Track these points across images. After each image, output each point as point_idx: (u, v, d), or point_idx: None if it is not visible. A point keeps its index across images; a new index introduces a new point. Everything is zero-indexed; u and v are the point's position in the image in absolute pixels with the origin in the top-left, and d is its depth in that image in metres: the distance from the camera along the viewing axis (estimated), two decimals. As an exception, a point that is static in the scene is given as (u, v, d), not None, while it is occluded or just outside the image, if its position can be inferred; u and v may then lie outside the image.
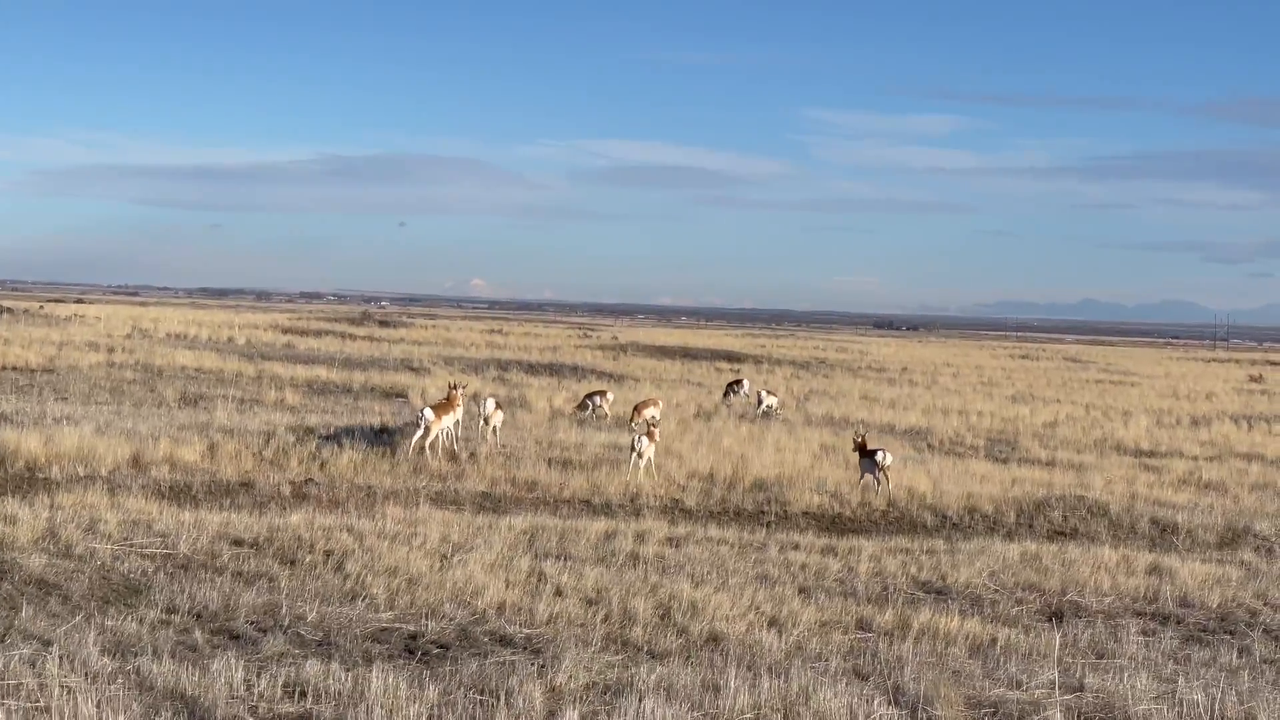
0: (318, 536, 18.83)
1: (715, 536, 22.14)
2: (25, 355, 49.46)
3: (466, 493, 25.87)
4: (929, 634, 15.83)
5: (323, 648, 13.54)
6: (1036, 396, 62.76)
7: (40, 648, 12.36)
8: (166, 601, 14.91)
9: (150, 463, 25.87)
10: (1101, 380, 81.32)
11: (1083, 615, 17.79)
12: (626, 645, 14.57)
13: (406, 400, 43.01)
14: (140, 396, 39.99)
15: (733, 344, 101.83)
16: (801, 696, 11.60)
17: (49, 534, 17.80)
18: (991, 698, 12.29)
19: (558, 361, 65.56)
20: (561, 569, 17.93)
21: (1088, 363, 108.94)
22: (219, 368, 50.59)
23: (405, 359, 61.47)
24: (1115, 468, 35.30)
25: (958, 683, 12.76)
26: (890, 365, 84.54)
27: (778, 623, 15.93)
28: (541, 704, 11.02)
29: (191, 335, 71.83)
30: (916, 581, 19.41)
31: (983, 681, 13.15)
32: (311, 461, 27.63)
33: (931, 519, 26.51)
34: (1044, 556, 21.50)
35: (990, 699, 12.24)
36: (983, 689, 12.67)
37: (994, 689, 12.69)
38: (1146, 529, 26.51)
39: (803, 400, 51.84)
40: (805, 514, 26.19)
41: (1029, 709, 11.87)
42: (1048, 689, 12.73)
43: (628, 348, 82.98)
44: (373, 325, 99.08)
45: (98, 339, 62.47)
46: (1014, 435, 43.09)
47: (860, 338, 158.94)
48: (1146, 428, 47.91)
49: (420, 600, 15.81)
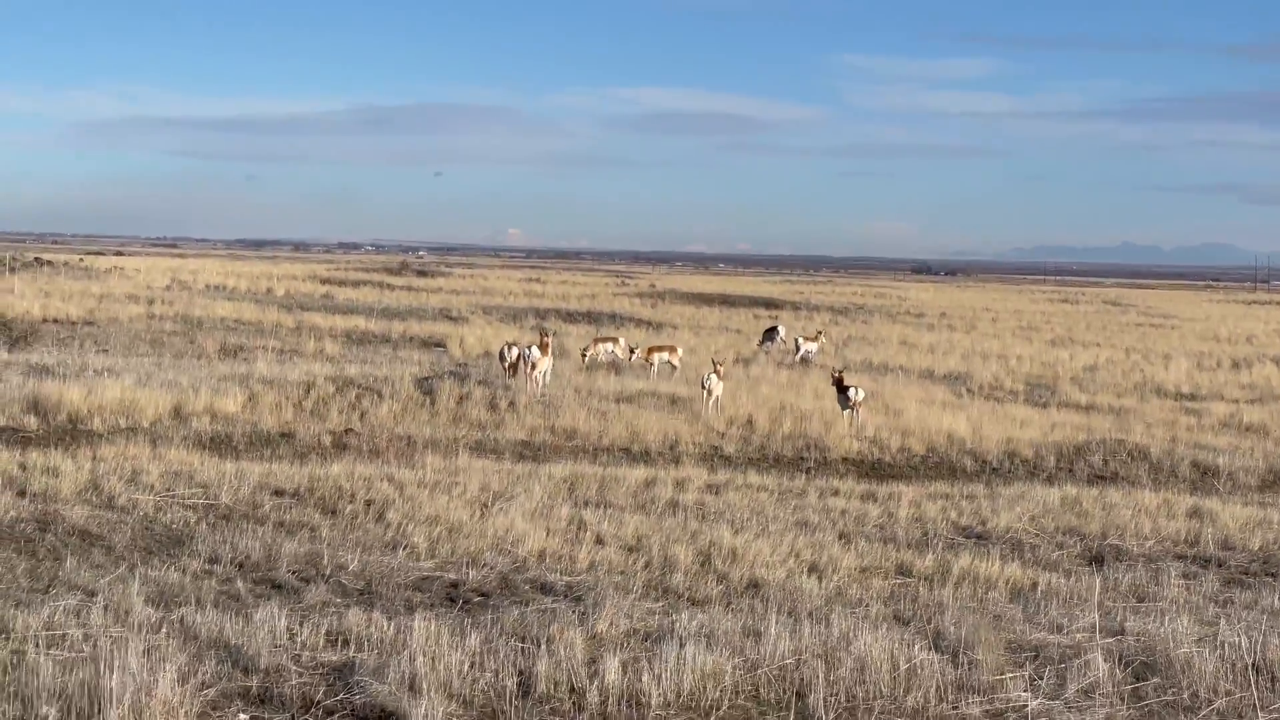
0: (358, 486, 18.92)
1: (755, 483, 22.15)
2: (65, 308, 49.66)
3: (506, 441, 25.94)
4: (969, 579, 15.81)
5: (364, 597, 13.62)
6: (1076, 340, 62.43)
7: (85, 598, 12.45)
8: (209, 552, 15.01)
9: (191, 414, 26.01)
10: (1141, 323, 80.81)
11: (1123, 559, 17.74)
12: (667, 592, 14.61)
13: (445, 349, 43.09)
14: (180, 348, 40.18)
15: (770, 290, 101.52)
16: (842, 642, 11.60)
17: (92, 485, 17.94)
18: (1032, 642, 12.26)
19: (595, 309, 65.52)
20: (601, 516, 17.98)
21: (1127, 306, 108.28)
22: (258, 319, 50.72)
23: (444, 308, 61.54)
24: (1156, 411, 35.11)
25: (998, 627, 12.73)
26: (928, 310, 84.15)
27: (818, 569, 15.93)
28: (583, 651, 11.04)
29: (230, 287, 71.99)
30: (956, 526, 19.39)
31: (1023, 626, 13.12)
32: (351, 411, 27.74)
33: (971, 464, 26.46)
34: (1084, 500, 21.45)
35: (1031, 643, 12.21)
36: (1023, 633, 12.64)
37: (1035, 633, 12.67)
38: (1187, 472, 26.40)
39: (841, 346, 51.71)
40: (844, 460, 26.18)
41: (1069, 653, 11.83)
42: (1088, 633, 12.70)
43: (665, 295, 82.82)
44: (411, 275, 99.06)
45: (137, 291, 62.68)
46: (1053, 379, 42.88)
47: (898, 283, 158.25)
48: (1187, 371, 47.60)
49: (461, 549, 15.88)
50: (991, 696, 10.83)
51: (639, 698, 10.38)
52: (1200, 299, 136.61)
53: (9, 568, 13.76)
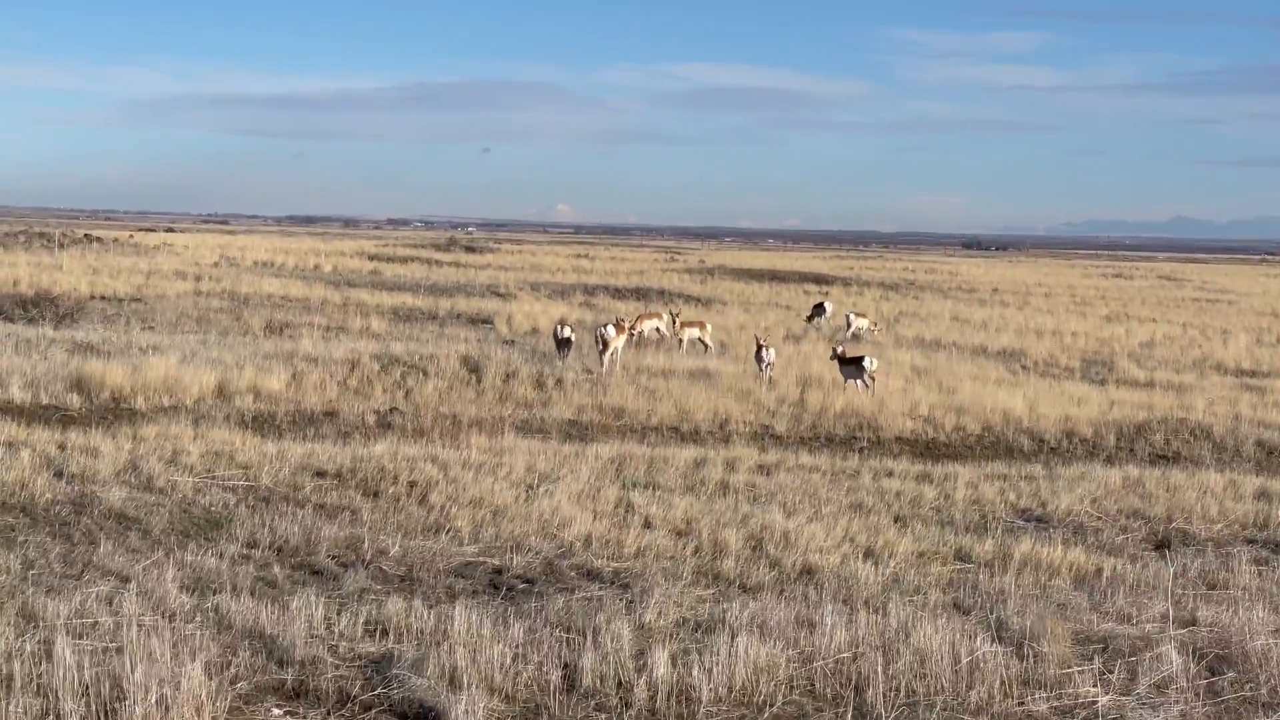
0: (401, 467, 18.50)
1: (807, 464, 21.64)
2: (113, 285, 49.51)
3: (553, 420, 25.49)
4: (1031, 565, 15.28)
5: (405, 583, 13.22)
6: (1131, 316, 61.56)
7: (118, 584, 12.11)
8: (247, 536, 14.64)
9: (235, 392, 25.67)
10: (1198, 298, 79.69)
11: (1190, 544, 17.16)
12: (717, 579, 14.14)
13: (492, 326, 42.68)
14: (226, 325, 39.92)
15: (820, 266, 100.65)
16: (901, 633, 11.12)
17: (131, 466, 17.60)
18: (1100, 633, 11.75)
19: (644, 285, 64.92)
20: (650, 499, 17.52)
21: (1183, 281, 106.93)
22: (305, 295, 50.46)
23: (491, 285, 61.11)
24: (1216, 388, 34.33)
25: (1064, 617, 12.22)
26: (980, 286, 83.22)
27: (873, 554, 15.42)
28: (630, 642, 10.60)
29: (278, 263, 71.82)
30: (1015, 509, 18.84)
31: (1090, 615, 12.60)
32: (396, 390, 27.38)
33: (1028, 443, 25.86)
34: (1147, 482, 20.84)
35: (1099, 634, 11.70)
36: (1090, 623, 12.13)
37: (1102, 624, 12.15)
38: (1251, 452, 25.74)
39: (893, 322, 51.06)
40: (898, 439, 25.63)
41: (1140, 645, 11.31)
42: (1159, 623, 12.18)
43: (715, 271, 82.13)
44: (459, 251, 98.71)
45: (185, 268, 62.54)
46: (1110, 356, 42.14)
47: (948, 258, 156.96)
48: (1246, 347, 46.73)
49: (505, 533, 15.46)
50: (1059, 692, 10.34)
51: (689, 693, 9.94)
52: (1257, 274, 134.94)
53: (43, 552, 13.41)
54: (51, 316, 40.41)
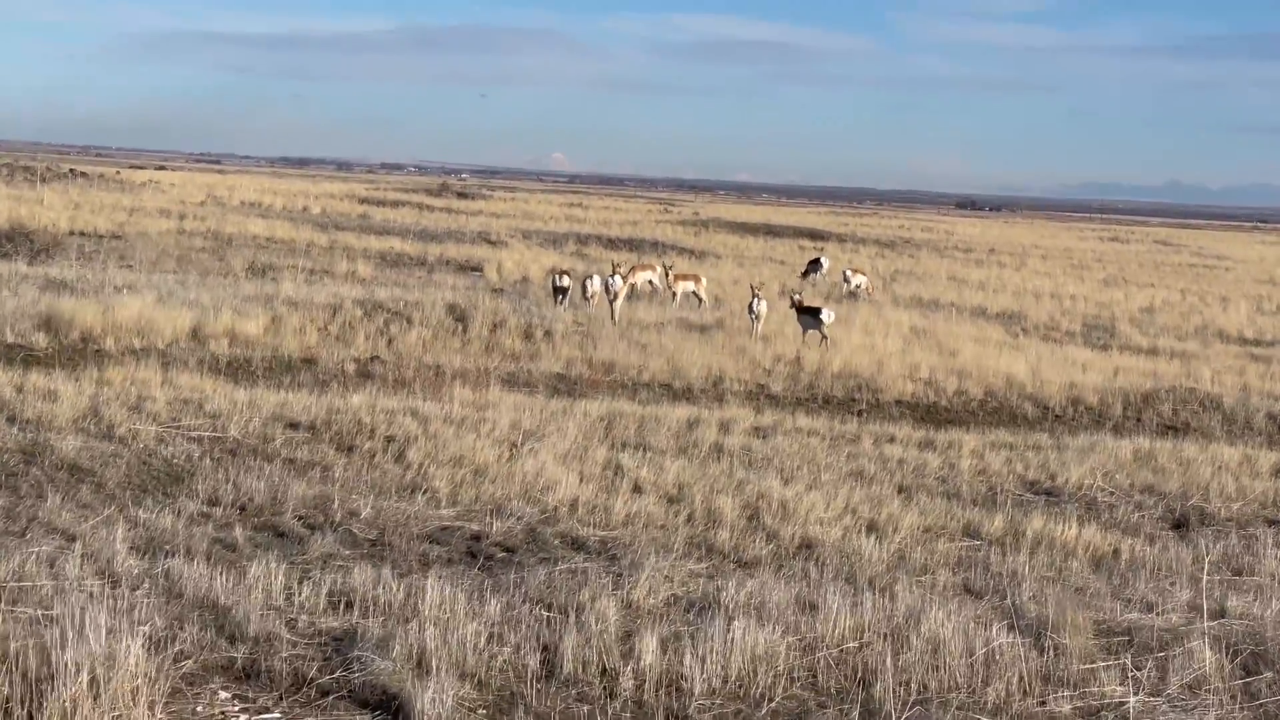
0: (379, 420, 17.52)
1: (804, 426, 20.70)
2: (94, 220, 48.39)
3: (540, 374, 24.55)
4: (1044, 543, 14.37)
5: (375, 549, 12.28)
6: (1129, 280, 60.68)
7: (63, 544, 11.17)
8: (209, 492, 13.67)
9: (210, 336, 24.70)
10: (1195, 264, 78.78)
11: (1209, 523, 16.27)
12: (711, 551, 13.21)
13: (482, 274, 41.68)
14: (208, 265, 38.88)
15: (815, 221, 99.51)
16: (910, 620, 10.21)
17: (91, 412, 16.59)
18: (1124, 623, 10.85)
19: (638, 236, 63.85)
20: (640, 461, 16.56)
21: (1179, 246, 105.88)
22: (291, 238, 49.38)
23: (483, 232, 60.01)
24: (1221, 357, 33.49)
25: (1084, 604, 11.31)
26: (977, 246, 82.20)
27: (876, 528, 14.48)
28: (617, 624, 9.69)
29: (266, 204, 70.67)
30: (1024, 481, 17.93)
31: (1111, 603, 11.69)
32: (379, 337, 26.42)
33: (1032, 410, 24.98)
34: (1159, 455, 19.94)
35: (1122, 625, 10.81)
36: (1113, 613, 11.23)
37: (1126, 613, 11.25)
38: (1263, 424, 24.89)
39: (889, 281, 50.10)
40: (898, 403, 24.72)
41: (1168, 638, 10.41)
42: (1186, 613, 11.29)
43: (709, 224, 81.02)
44: (451, 197, 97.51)
45: (170, 206, 61.37)
46: (1110, 320, 41.27)
47: (944, 217, 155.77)
48: (1247, 314, 45.94)
49: (486, 495, 14.51)
50: (1083, 690, 9.44)
51: (679, 683, 9.03)
52: (1252, 240, 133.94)
53: (-15, 506, 12.43)
54: (26, 252, 39.39)
